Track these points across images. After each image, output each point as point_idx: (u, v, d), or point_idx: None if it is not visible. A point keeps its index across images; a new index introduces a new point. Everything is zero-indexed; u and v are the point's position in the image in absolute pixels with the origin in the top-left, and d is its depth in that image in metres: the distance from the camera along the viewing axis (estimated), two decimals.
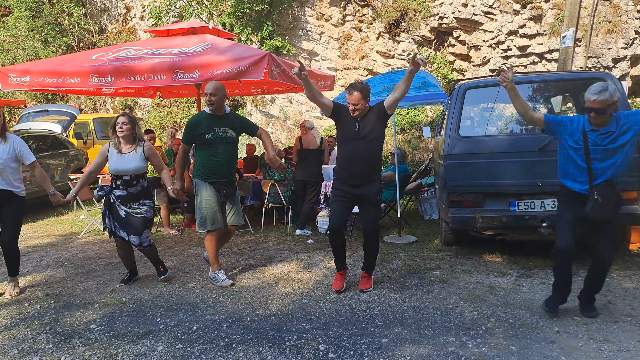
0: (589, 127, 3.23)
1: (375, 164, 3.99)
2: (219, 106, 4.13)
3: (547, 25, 9.50)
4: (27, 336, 3.36)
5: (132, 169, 4.11)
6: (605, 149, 3.19)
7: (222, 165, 4.19)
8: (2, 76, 5.94)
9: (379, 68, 11.97)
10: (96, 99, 16.23)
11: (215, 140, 4.14)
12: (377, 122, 3.89)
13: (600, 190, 3.19)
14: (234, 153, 4.31)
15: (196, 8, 13.14)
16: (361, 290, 4.10)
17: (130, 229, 4.16)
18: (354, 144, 3.88)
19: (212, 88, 4.09)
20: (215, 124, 4.15)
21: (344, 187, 3.97)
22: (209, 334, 3.32)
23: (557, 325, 3.33)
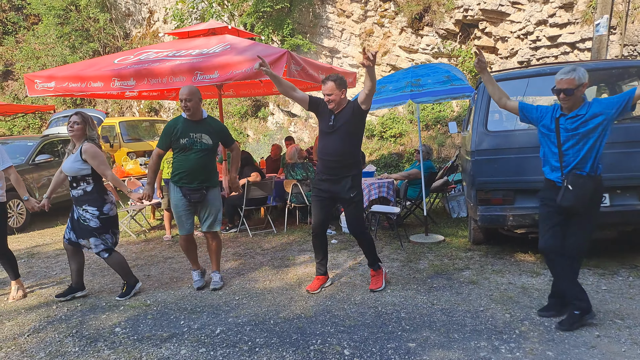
0: (560, 113, 3.19)
1: (348, 159, 3.90)
2: (194, 111, 4.08)
3: (579, 14, 9.10)
4: (54, 339, 3.40)
5: (68, 170, 3.93)
6: (575, 133, 3.11)
7: (193, 171, 4.10)
8: (29, 82, 6.10)
9: (402, 63, 11.76)
10: (122, 102, 16.55)
11: (189, 145, 4.08)
12: (352, 118, 3.85)
13: (571, 178, 3.10)
14: (208, 159, 4.18)
15: (217, 10, 13.22)
16: (371, 290, 4.04)
17: (78, 232, 4.00)
18: (328, 138, 3.89)
19: (187, 93, 4.02)
20: (192, 129, 4.09)
21: (320, 184, 4.01)
22: (232, 338, 3.27)
23: (598, 329, 3.14)
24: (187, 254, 4.40)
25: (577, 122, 3.11)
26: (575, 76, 3.03)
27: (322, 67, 6.34)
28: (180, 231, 4.27)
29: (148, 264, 5.22)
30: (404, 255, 5.07)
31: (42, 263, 5.49)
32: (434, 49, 11.25)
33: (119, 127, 11.62)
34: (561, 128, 3.16)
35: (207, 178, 4.18)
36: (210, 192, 4.23)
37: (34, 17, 18.02)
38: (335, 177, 3.92)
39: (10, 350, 3.26)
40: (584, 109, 3.11)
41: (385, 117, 11.86)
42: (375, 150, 11.45)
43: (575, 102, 3.10)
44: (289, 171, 6.70)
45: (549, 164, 3.29)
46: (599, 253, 4.70)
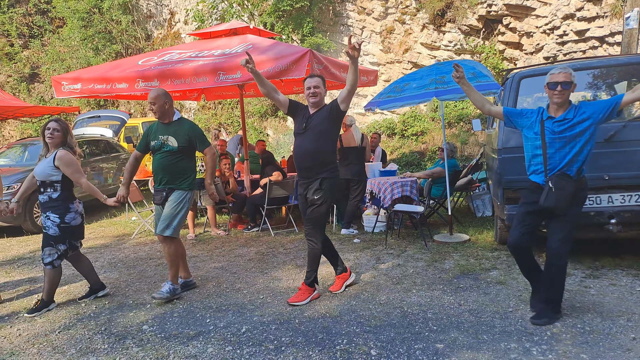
0: (547, 115, 3.21)
1: (320, 159, 3.81)
2: (161, 114, 4.06)
3: (608, 7, 8.85)
4: (84, 336, 3.46)
5: (38, 174, 3.85)
6: (562, 137, 3.13)
7: (158, 172, 4.09)
8: (56, 84, 6.23)
9: (423, 60, 11.63)
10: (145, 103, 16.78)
11: (157, 147, 4.08)
12: (327, 117, 3.80)
13: (555, 180, 3.11)
14: (173, 160, 4.04)
15: (237, 9, 13.29)
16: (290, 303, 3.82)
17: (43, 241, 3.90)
18: (300, 138, 3.85)
19: (152, 97, 4.02)
20: (161, 131, 4.10)
21: (299, 187, 3.98)
22: (257, 336, 3.27)
23: (634, 332, 3.04)
24: None
25: (564, 125, 3.13)
26: (570, 71, 3.08)
27: (344, 66, 6.30)
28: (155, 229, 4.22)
29: None
30: (428, 255, 5.00)
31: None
32: (457, 45, 11.09)
33: (142, 127, 11.80)
34: (546, 130, 3.17)
35: (169, 180, 4.07)
36: (173, 194, 4.05)
37: (59, 20, 18.44)
38: (308, 179, 3.87)
39: (42, 346, 3.33)
40: (571, 113, 3.13)
41: (407, 115, 11.75)
42: (397, 149, 11.36)
43: (566, 100, 3.14)
44: None
45: (533, 167, 3.31)
46: (633, 253, 4.56)
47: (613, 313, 3.34)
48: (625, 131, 4.03)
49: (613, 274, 4.11)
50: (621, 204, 4.04)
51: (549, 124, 3.18)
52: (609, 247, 4.78)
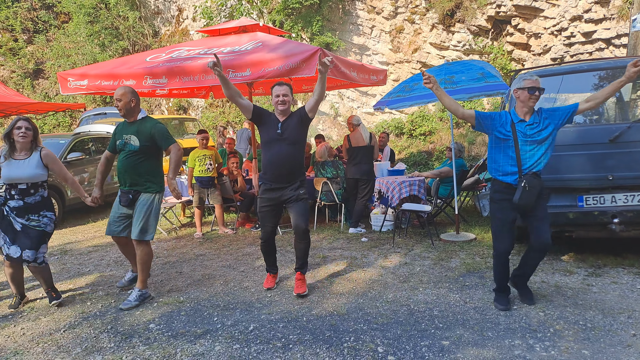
0: (518, 119, 3.41)
1: (298, 166, 4.02)
2: (126, 112, 4.01)
3: (615, 9, 8.82)
4: (89, 335, 3.44)
5: (28, 176, 3.78)
6: (533, 140, 3.37)
7: (122, 173, 4.03)
8: (62, 80, 6.19)
9: (432, 60, 11.62)
10: (151, 100, 16.88)
11: (121, 146, 4.04)
12: (299, 126, 3.94)
13: (528, 179, 3.32)
14: (136, 160, 3.97)
15: (246, 7, 13.32)
16: (297, 294, 3.98)
17: (26, 243, 3.79)
18: (277, 146, 3.90)
19: (118, 94, 3.98)
20: (125, 130, 4.06)
21: (267, 194, 4.01)
22: (265, 334, 3.31)
23: (634, 328, 3.09)
24: (125, 255, 4.40)
25: (535, 129, 3.37)
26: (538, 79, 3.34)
27: (354, 65, 6.32)
28: (106, 230, 4.17)
29: (180, 261, 5.32)
30: (435, 254, 5.03)
31: (74, 260, 5.59)
32: (465, 45, 11.08)
33: None
34: (519, 133, 3.37)
35: (136, 182, 3.99)
36: (141, 197, 3.99)
37: (65, 15, 18.42)
38: (284, 184, 3.97)
39: (47, 345, 3.30)
40: (538, 117, 3.39)
41: (415, 115, 11.75)
42: (405, 149, 11.37)
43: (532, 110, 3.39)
44: (319, 169, 6.72)
45: (501, 169, 3.47)
46: (634, 252, 4.60)
47: (614, 310, 3.39)
48: (630, 132, 4.06)
49: (615, 272, 4.16)
50: (624, 203, 4.09)
51: (521, 127, 3.38)
52: (612, 246, 4.82)
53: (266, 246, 4.19)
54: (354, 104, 13.20)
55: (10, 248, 3.80)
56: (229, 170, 6.96)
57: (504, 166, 3.45)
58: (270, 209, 4.05)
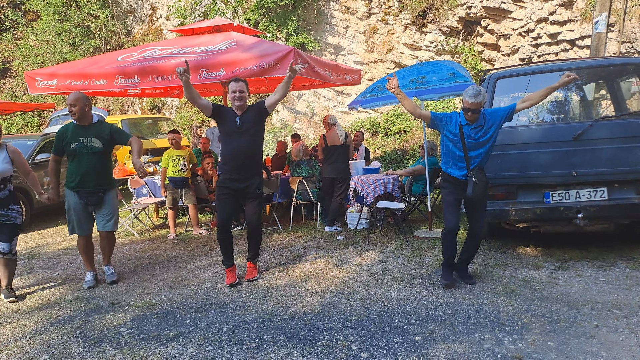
0: (465, 122, 3.78)
1: (257, 158, 4.28)
2: (81, 116, 4.22)
3: (579, 11, 9.11)
4: (57, 340, 3.36)
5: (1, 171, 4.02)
6: (477, 141, 3.77)
7: (86, 175, 4.26)
8: (30, 80, 6.06)
9: (406, 60, 11.77)
10: (124, 100, 16.56)
11: (79, 149, 4.22)
12: (257, 119, 4.17)
13: (476, 174, 3.75)
14: (101, 162, 4.34)
15: (221, 6, 13.20)
16: (248, 279, 4.36)
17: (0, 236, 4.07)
18: (236, 139, 4.12)
19: (72, 99, 4.19)
20: (81, 133, 4.24)
21: (228, 183, 4.20)
22: (239, 335, 3.30)
23: (596, 320, 3.22)
24: (85, 256, 4.57)
25: (479, 132, 3.76)
26: (481, 99, 3.63)
27: (328, 65, 6.36)
28: (79, 232, 4.43)
29: (152, 263, 5.25)
30: (409, 251, 5.12)
31: (42, 264, 5.46)
32: (438, 46, 11.26)
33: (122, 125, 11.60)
34: (466, 135, 3.77)
35: (102, 181, 4.36)
36: (108, 194, 4.42)
37: (33, 13, 17.91)
38: (244, 176, 4.18)
39: (12, 352, 3.20)
40: (482, 121, 3.76)
41: (390, 114, 11.88)
42: (380, 147, 11.48)
43: (478, 116, 3.75)
44: (295, 168, 6.74)
45: (453, 163, 3.88)
46: (598, 245, 4.77)
47: (578, 302, 3.52)
48: (592, 130, 4.22)
49: (580, 266, 4.31)
50: (588, 199, 4.25)
51: (467, 130, 3.77)
52: (576, 240, 4.99)
53: (223, 233, 4.30)
54: (329, 103, 13.25)
55: None
56: (204, 170, 6.90)
57: (453, 162, 3.87)
58: (228, 197, 4.22)
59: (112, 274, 4.64)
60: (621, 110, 4.83)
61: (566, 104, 5.10)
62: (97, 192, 4.34)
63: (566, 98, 4.99)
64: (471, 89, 3.66)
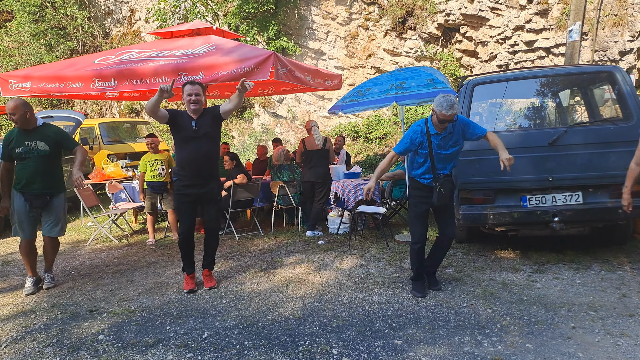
0: (433, 131, 3.73)
1: (214, 162, 4.23)
2: (22, 122, 4.23)
3: (554, 20, 9.36)
4: (33, 349, 3.28)
5: None
6: (446, 151, 3.75)
7: (32, 177, 4.26)
8: (3, 82, 5.89)
9: (386, 66, 11.88)
10: (102, 103, 16.28)
11: (25, 153, 4.24)
12: (213, 124, 4.14)
13: (442, 182, 3.75)
14: (47, 164, 4.32)
15: (201, 9, 13.12)
16: (209, 287, 4.31)
17: None
18: (193, 143, 4.06)
19: (11, 107, 4.18)
20: (26, 137, 4.26)
21: (186, 189, 4.13)
22: (219, 341, 3.27)
23: (573, 321, 3.28)
24: (26, 259, 4.49)
25: (449, 140, 3.74)
26: (456, 109, 3.59)
27: (308, 69, 6.37)
28: (21, 235, 4.38)
29: (131, 269, 5.16)
30: (389, 255, 5.15)
31: (17, 270, 5.32)
32: (417, 52, 11.40)
33: (99, 128, 11.42)
34: (434, 144, 3.73)
35: (49, 184, 4.34)
36: (55, 198, 4.41)
37: (7, 13, 17.50)
38: (203, 181, 4.14)
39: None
40: (452, 128, 3.71)
41: (370, 119, 11.96)
42: (361, 152, 11.55)
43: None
44: (276, 173, 6.72)
45: (419, 169, 3.84)
46: (574, 248, 4.87)
47: (556, 304, 3.59)
48: (567, 136, 4.32)
49: (557, 268, 4.40)
50: (563, 203, 4.34)
51: (436, 139, 3.73)
52: (553, 243, 5.09)
53: (186, 241, 4.25)
54: (311, 108, 13.27)
55: None
56: None
57: (420, 169, 3.84)
58: (189, 205, 4.18)
59: (50, 281, 4.58)
60: (595, 116, 4.98)
61: (542, 110, 5.23)
62: (43, 195, 4.31)
63: (542, 104, 5.11)
64: (444, 100, 3.55)
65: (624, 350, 2.86)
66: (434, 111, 3.63)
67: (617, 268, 4.31)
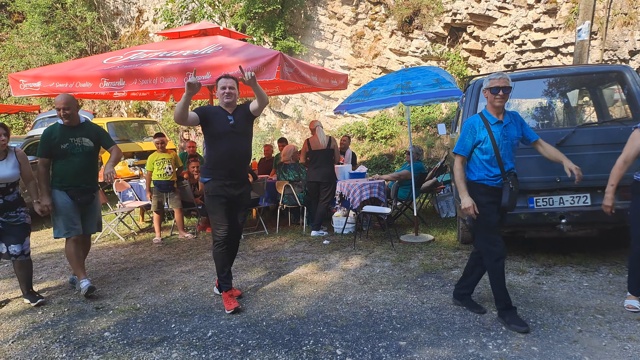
0: (494, 120, 3.30)
1: (249, 159, 4.01)
2: (73, 118, 4.25)
3: (562, 19, 9.28)
4: (40, 345, 3.33)
5: (8, 176, 4.04)
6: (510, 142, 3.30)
7: (78, 173, 4.25)
8: (14, 82, 5.99)
9: (392, 66, 11.85)
10: (110, 102, 16.40)
11: (70, 149, 4.22)
12: (247, 119, 3.87)
13: (513, 179, 3.28)
14: (90, 161, 4.35)
15: (208, 10, 13.17)
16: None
17: (11, 238, 4.05)
18: (231, 139, 3.74)
19: (64, 103, 4.17)
20: (71, 134, 4.24)
21: (222, 190, 3.77)
22: (224, 340, 3.28)
23: (580, 325, 3.24)
24: (75, 259, 4.32)
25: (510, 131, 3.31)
26: (508, 77, 3.22)
27: (314, 69, 6.37)
28: (72, 233, 4.23)
29: (137, 266, 5.20)
30: (394, 255, 5.13)
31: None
32: (424, 52, 11.36)
33: (107, 127, 11.47)
34: (497, 135, 3.27)
35: (92, 180, 4.39)
36: (96, 195, 4.47)
37: (18, 14, 17.72)
38: (239, 180, 3.84)
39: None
40: (509, 118, 3.33)
41: (376, 119, 11.94)
42: (367, 152, 11.53)
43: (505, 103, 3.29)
44: (281, 172, 6.73)
45: (483, 169, 3.32)
46: (582, 251, 4.83)
47: (562, 307, 3.55)
48: (575, 136, 4.27)
49: (564, 271, 4.35)
50: (571, 204, 4.29)
51: (498, 128, 3.28)
52: (562, 245, 5.04)
53: (224, 247, 3.82)
54: (316, 108, 13.28)
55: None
56: (190, 173, 6.86)
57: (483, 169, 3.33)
58: (224, 206, 3.79)
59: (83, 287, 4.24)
60: (604, 117, 4.92)
61: (550, 110, 5.18)
62: (89, 191, 4.34)
63: (550, 104, 5.07)
64: (489, 75, 3.29)
65: (630, 354, 2.82)
66: (485, 92, 3.29)
67: (625, 271, 4.25)
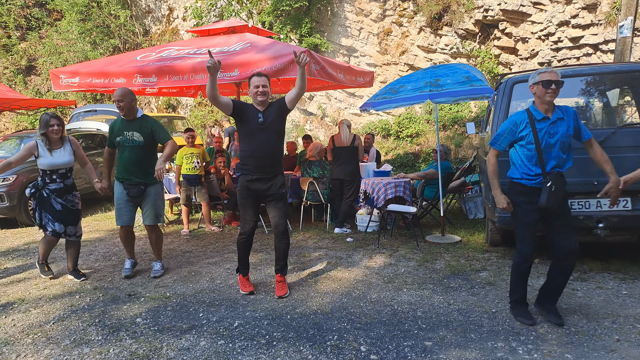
0: (540, 115, 3.16)
1: (279, 156, 4.02)
2: (128, 111, 4.39)
3: (603, 15, 8.96)
4: (78, 328, 3.50)
5: (67, 162, 4.44)
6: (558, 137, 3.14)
7: (128, 166, 4.42)
8: (54, 78, 6.22)
9: (419, 63, 11.71)
10: (141, 98, 16.76)
11: (122, 142, 4.41)
12: (279, 116, 3.92)
13: (554, 180, 3.11)
14: (140, 155, 4.42)
15: (236, 7, 13.31)
16: (279, 296, 3.95)
17: (69, 220, 4.50)
18: (258, 135, 3.87)
19: (119, 95, 4.34)
20: (125, 127, 4.42)
21: (250, 185, 3.92)
22: (250, 331, 3.33)
23: (618, 333, 3.12)
24: (125, 244, 4.71)
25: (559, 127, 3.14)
26: (557, 71, 3.11)
27: (340, 66, 6.35)
28: (117, 222, 4.54)
29: (166, 257, 5.31)
30: (420, 255, 5.08)
31: (64, 254, 5.54)
32: (453, 49, 11.18)
33: None
34: (541, 132, 3.14)
35: (142, 174, 4.45)
36: (150, 188, 4.50)
37: (57, 13, 18.35)
38: (268, 175, 3.91)
39: (36, 336, 3.37)
40: (560, 113, 3.17)
41: (402, 117, 11.83)
42: (392, 150, 11.43)
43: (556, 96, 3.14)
44: (306, 169, 6.74)
45: (522, 167, 3.23)
46: (620, 257, 4.65)
47: (599, 315, 3.42)
48: (615, 137, 4.12)
49: (600, 277, 4.20)
50: (609, 209, 4.12)
51: (544, 125, 3.15)
52: (599, 251, 4.87)
53: (247, 241, 4.06)
54: (341, 105, 13.24)
55: (55, 224, 4.44)
56: (216, 168, 6.95)
57: (523, 167, 3.23)
58: (252, 201, 3.98)
59: (158, 269, 4.66)
60: None
61: (588, 110, 5.01)
62: (138, 185, 4.44)
63: (588, 104, 4.90)
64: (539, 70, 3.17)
65: None
66: (534, 87, 3.14)
67: None
